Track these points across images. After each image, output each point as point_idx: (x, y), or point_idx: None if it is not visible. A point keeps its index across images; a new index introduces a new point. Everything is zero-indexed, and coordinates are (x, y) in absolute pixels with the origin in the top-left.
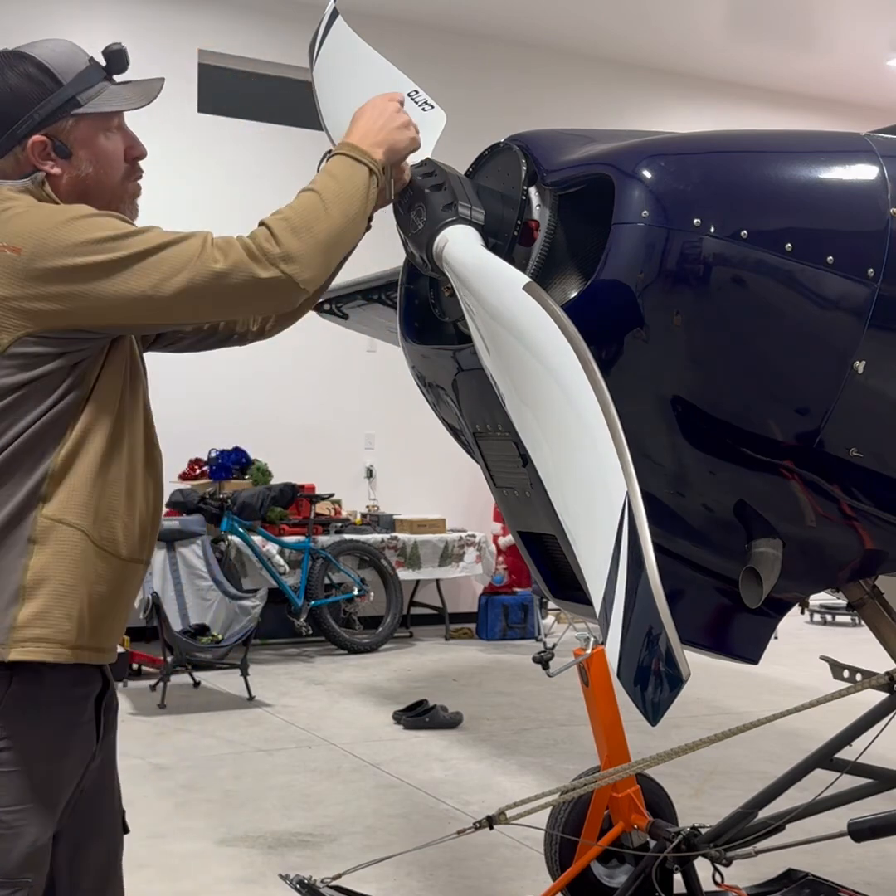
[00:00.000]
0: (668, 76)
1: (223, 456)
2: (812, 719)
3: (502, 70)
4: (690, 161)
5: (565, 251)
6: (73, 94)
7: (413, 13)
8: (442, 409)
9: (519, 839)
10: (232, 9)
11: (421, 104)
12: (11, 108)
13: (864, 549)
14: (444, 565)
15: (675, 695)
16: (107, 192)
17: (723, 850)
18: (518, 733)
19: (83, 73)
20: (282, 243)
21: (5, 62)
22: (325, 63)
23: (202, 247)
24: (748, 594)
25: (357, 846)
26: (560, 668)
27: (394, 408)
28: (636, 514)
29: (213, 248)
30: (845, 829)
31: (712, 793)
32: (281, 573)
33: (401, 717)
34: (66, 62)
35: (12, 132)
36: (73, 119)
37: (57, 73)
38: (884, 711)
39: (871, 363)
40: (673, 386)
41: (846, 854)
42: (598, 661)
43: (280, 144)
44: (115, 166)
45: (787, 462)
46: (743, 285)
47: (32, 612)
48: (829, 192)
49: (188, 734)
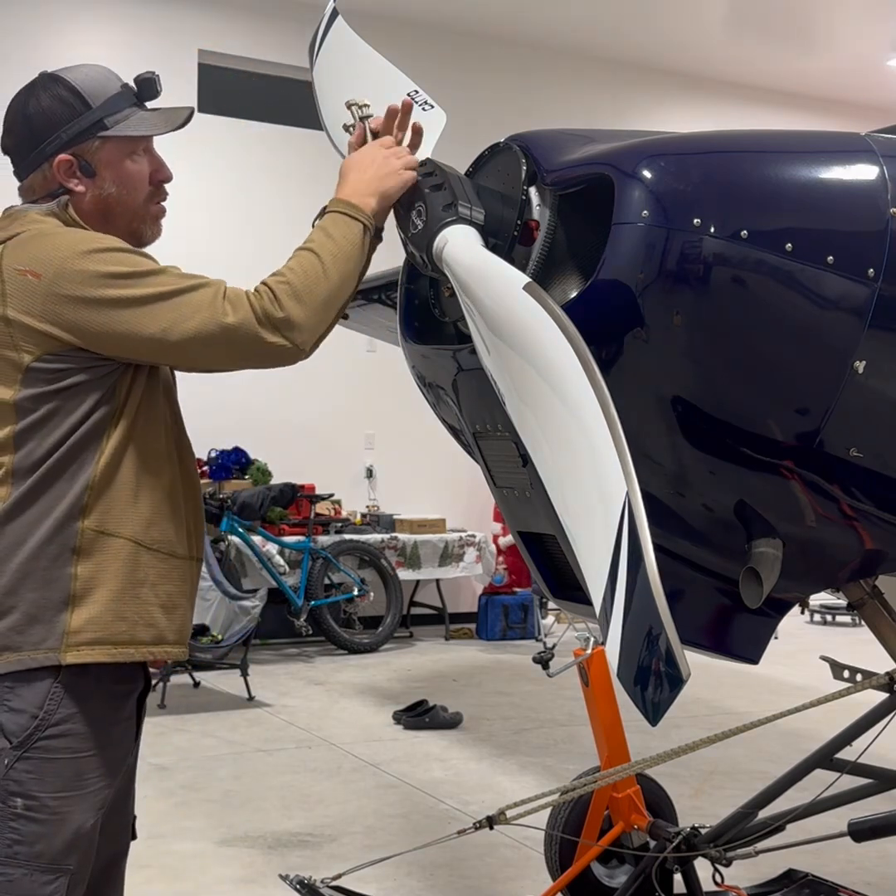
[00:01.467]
0: (668, 76)
1: (223, 456)
2: (812, 719)
3: (502, 70)
4: (690, 161)
5: (565, 251)
6: (100, 117)
7: (413, 13)
8: (442, 409)
9: (519, 839)
10: (232, 9)
11: (421, 104)
12: (42, 128)
13: (864, 549)
14: (444, 565)
15: (675, 695)
16: (129, 212)
17: (723, 851)
18: (518, 733)
19: (112, 98)
20: (285, 309)
21: (40, 85)
22: (325, 63)
23: (214, 297)
24: (748, 594)
25: (357, 846)
26: (560, 668)
27: (394, 408)
28: (636, 514)
29: (224, 301)
30: (845, 829)
31: (712, 793)
32: (281, 573)
33: (401, 717)
34: (97, 87)
35: (41, 150)
36: (99, 140)
37: (87, 97)
38: (884, 711)
39: (871, 363)
40: (673, 386)
41: (846, 854)
42: (598, 661)
43: (280, 144)
44: (139, 188)
45: (788, 462)
46: (743, 285)
47: (85, 618)
48: (829, 192)
49: (188, 734)
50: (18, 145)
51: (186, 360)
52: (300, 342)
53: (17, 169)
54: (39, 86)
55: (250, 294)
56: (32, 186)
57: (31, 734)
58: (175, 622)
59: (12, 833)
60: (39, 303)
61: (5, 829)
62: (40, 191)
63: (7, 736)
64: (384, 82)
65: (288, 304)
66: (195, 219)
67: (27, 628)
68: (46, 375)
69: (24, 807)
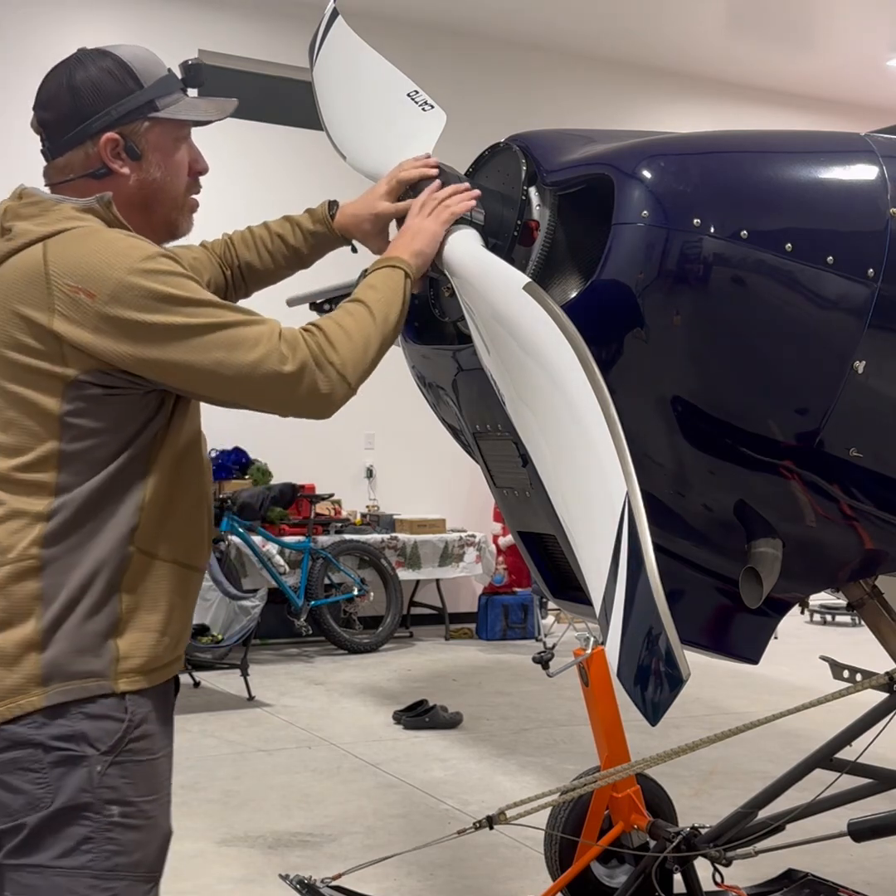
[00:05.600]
0: (668, 76)
1: (223, 456)
2: (812, 719)
3: (503, 70)
4: (690, 161)
5: (565, 251)
6: (152, 98)
7: (413, 13)
8: (442, 409)
9: (519, 839)
10: (232, 9)
11: (421, 104)
12: (90, 102)
13: (864, 549)
14: (444, 565)
15: (675, 695)
16: (169, 200)
17: (723, 850)
18: (518, 733)
19: (164, 79)
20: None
21: (88, 57)
22: (325, 63)
23: (271, 335)
24: (748, 594)
25: (357, 846)
26: (560, 668)
27: (394, 408)
28: (636, 514)
29: (281, 340)
30: (845, 829)
31: (712, 793)
32: (281, 573)
33: (401, 717)
34: (148, 66)
35: (87, 126)
36: (148, 122)
37: (139, 75)
38: (884, 711)
39: (871, 363)
40: (673, 386)
41: (846, 854)
42: (598, 661)
43: (280, 144)
44: (181, 176)
45: (787, 462)
46: (743, 285)
47: (131, 643)
48: (829, 192)
49: (188, 734)
50: (60, 119)
51: (234, 396)
52: (353, 383)
53: (53, 145)
54: (86, 58)
55: (306, 337)
56: (69, 165)
57: (121, 737)
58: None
59: (110, 844)
60: (92, 322)
61: (102, 840)
62: (78, 170)
63: (93, 744)
64: (384, 83)
65: (341, 345)
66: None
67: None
68: (94, 391)
69: (120, 814)
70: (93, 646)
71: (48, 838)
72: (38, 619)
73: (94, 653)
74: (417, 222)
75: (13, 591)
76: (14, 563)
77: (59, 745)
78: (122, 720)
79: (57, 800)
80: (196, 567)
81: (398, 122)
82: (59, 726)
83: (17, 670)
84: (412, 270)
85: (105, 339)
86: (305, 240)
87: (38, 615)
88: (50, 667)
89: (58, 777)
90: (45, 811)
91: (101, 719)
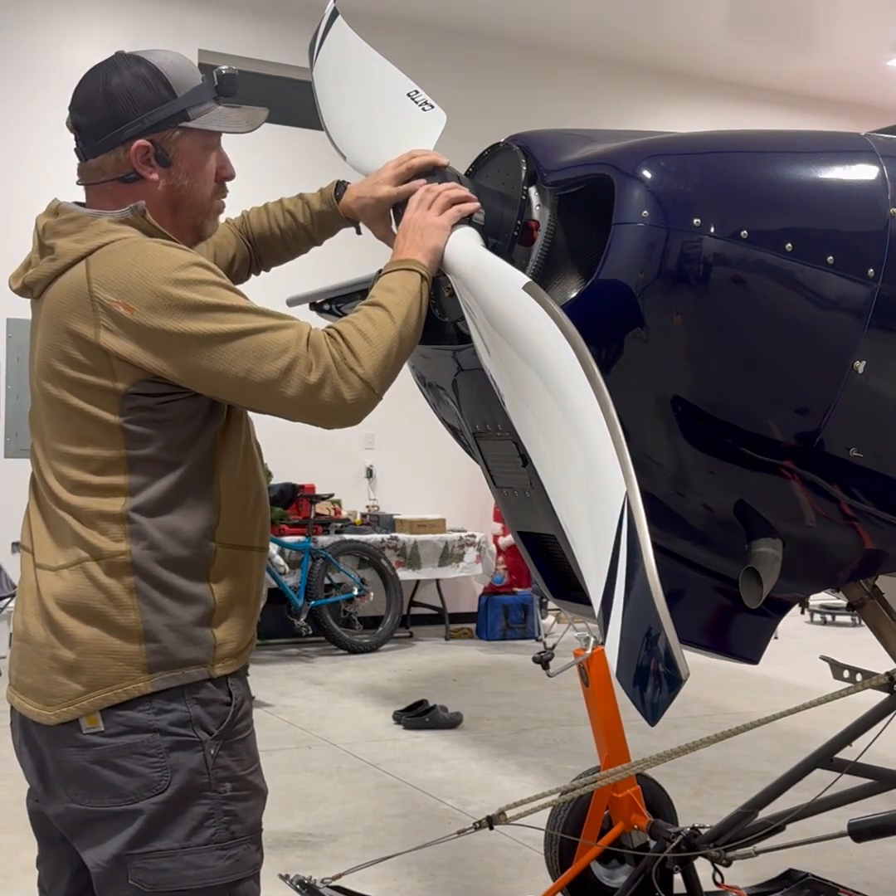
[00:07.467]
0: (668, 76)
1: None
2: (812, 719)
3: (503, 70)
4: (690, 161)
5: (565, 251)
6: (184, 108)
7: (413, 13)
8: (442, 409)
9: (519, 839)
10: (232, 9)
11: (421, 104)
12: (124, 109)
13: (864, 549)
14: (444, 565)
15: (674, 695)
16: (196, 205)
17: (723, 851)
18: (518, 733)
19: (197, 89)
20: (361, 360)
21: (123, 62)
22: (325, 63)
23: (298, 339)
24: (748, 594)
25: (357, 846)
26: (560, 668)
27: (394, 408)
28: (636, 515)
29: (308, 347)
30: (845, 829)
31: (712, 793)
32: (281, 573)
33: (401, 717)
34: (182, 75)
35: (119, 132)
36: (179, 131)
37: (172, 84)
38: (884, 711)
39: (871, 363)
40: (673, 386)
41: (846, 854)
42: (598, 661)
43: (280, 144)
44: (208, 182)
45: (788, 462)
46: (743, 285)
47: (225, 631)
48: (829, 192)
49: None
50: (94, 124)
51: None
52: (374, 398)
53: (86, 147)
54: (122, 64)
55: (328, 340)
56: (101, 167)
57: (230, 721)
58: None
59: (227, 816)
60: (133, 335)
61: (220, 814)
62: (110, 173)
63: (206, 728)
64: (384, 83)
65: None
66: None
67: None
68: (146, 401)
69: (232, 789)
70: (193, 635)
71: (171, 822)
72: (135, 612)
73: (194, 642)
74: (420, 217)
75: (109, 586)
76: (108, 559)
77: (177, 730)
78: (229, 703)
79: (173, 783)
80: (267, 548)
81: (398, 122)
82: (177, 712)
83: (121, 659)
84: (427, 272)
85: (145, 350)
86: (312, 219)
87: (136, 607)
88: (154, 655)
89: (174, 761)
90: (161, 794)
91: (211, 704)
